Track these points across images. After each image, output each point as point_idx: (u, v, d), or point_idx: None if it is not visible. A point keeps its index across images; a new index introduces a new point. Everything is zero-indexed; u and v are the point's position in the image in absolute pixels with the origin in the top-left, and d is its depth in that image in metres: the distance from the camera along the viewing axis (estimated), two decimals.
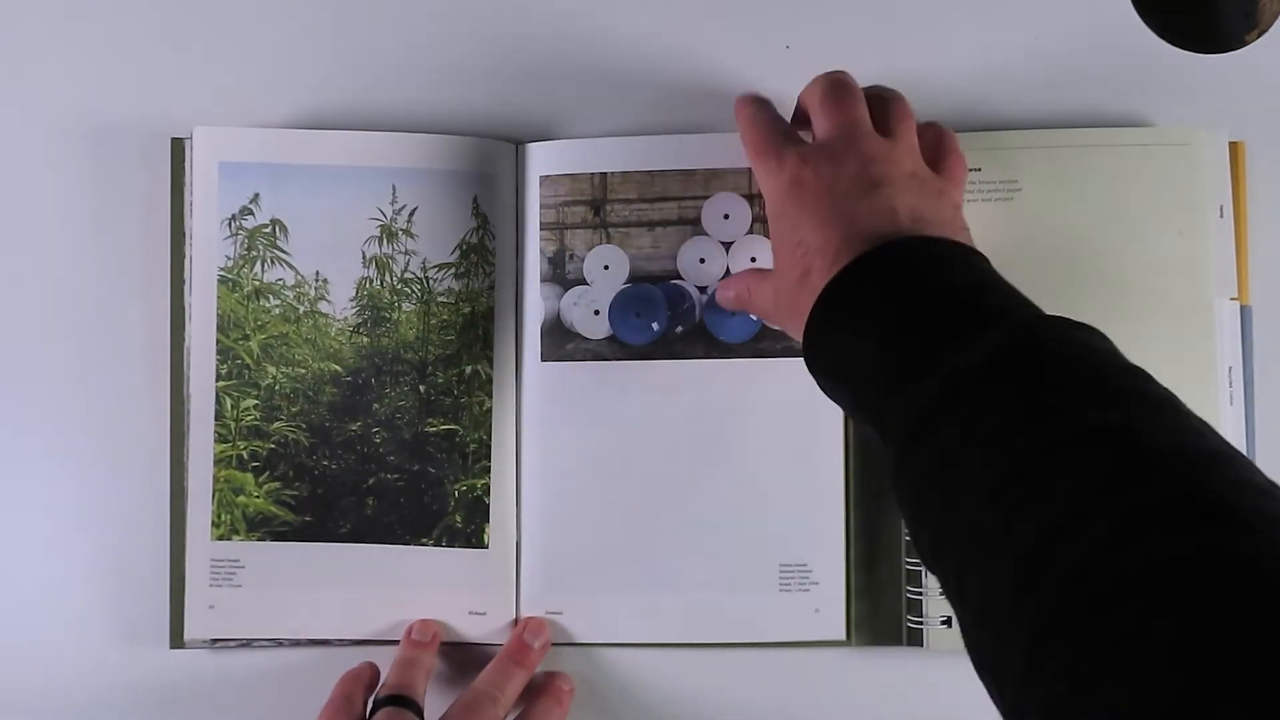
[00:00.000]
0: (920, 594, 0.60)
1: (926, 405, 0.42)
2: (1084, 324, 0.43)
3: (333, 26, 0.63)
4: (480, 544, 0.60)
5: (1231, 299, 0.60)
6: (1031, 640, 0.35)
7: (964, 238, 0.50)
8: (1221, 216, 0.60)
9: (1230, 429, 0.59)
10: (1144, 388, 0.40)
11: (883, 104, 0.54)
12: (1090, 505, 0.35)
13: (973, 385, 0.41)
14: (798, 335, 0.49)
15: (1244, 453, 0.59)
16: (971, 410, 0.40)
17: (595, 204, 0.62)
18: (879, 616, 0.60)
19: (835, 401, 0.49)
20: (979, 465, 0.39)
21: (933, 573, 0.43)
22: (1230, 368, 0.60)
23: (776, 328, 0.59)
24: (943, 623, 0.59)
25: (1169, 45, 0.62)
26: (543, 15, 0.63)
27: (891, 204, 0.48)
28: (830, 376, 0.48)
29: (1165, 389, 0.40)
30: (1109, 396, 0.39)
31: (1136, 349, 0.59)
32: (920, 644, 0.60)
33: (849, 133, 0.51)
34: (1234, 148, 0.61)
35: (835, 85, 0.53)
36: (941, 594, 0.59)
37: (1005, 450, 0.38)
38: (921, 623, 0.60)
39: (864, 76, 0.63)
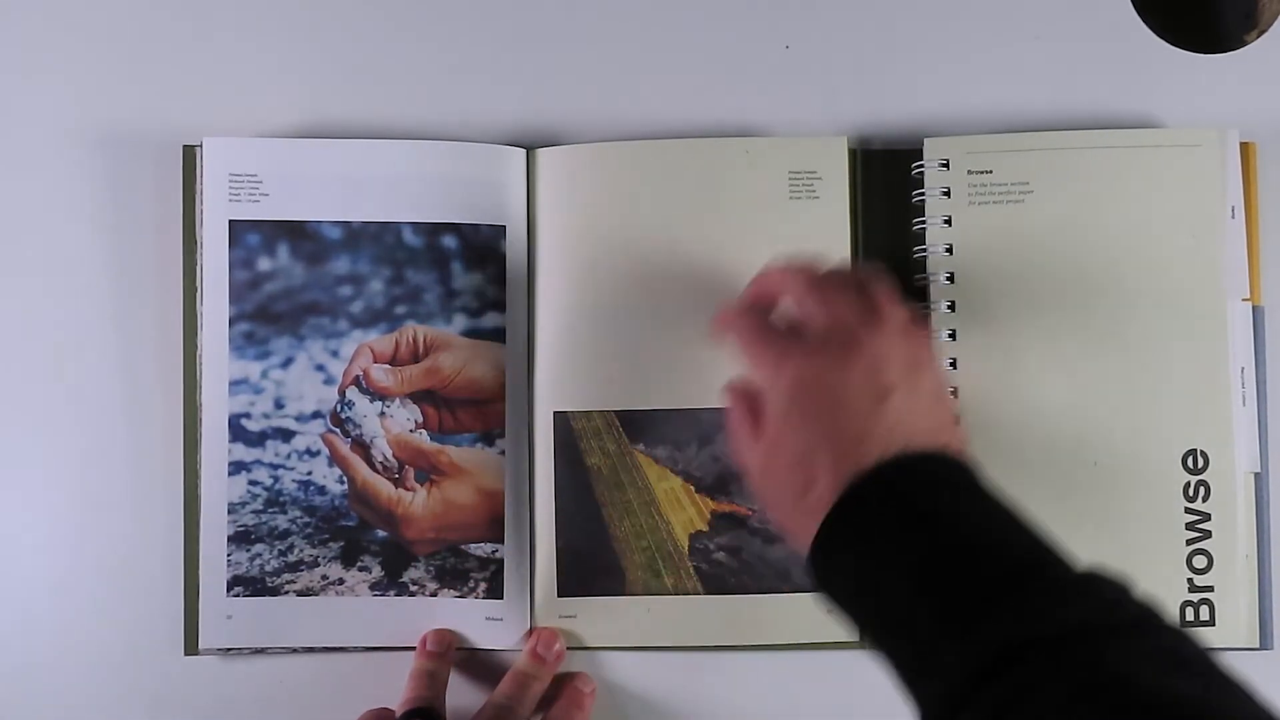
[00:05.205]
0: None
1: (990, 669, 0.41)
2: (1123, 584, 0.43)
3: (341, 35, 0.63)
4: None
5: (1244, 300, 0.60)
6: None
7: (959, 433, 0.51)
8: (1233, 217, 0.60)
9: (1243, 430, 0.60)
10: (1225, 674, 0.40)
11: (862, 288, 0.52)
12: None
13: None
14: (780, 522, 0.50)
15: (1258, 455, 0.60)
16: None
17: None
18: None
19: (842, 617, 0.48)
20: None
21: None
22: (1243, 368, 0.60)
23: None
24: None
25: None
26: (548, 21, 0.63)
27: (898, 417, 0.48)
28: (844, 596, 0.47)
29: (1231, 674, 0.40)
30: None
31: (1149, 351, 0.60)
32: None
33: (847, 333, 0.50)
34: (1245, 148, 0.61)
35: (821, 279, 0.52)
36: None
37: None
38: None
39: (867, 78, 0.63)
